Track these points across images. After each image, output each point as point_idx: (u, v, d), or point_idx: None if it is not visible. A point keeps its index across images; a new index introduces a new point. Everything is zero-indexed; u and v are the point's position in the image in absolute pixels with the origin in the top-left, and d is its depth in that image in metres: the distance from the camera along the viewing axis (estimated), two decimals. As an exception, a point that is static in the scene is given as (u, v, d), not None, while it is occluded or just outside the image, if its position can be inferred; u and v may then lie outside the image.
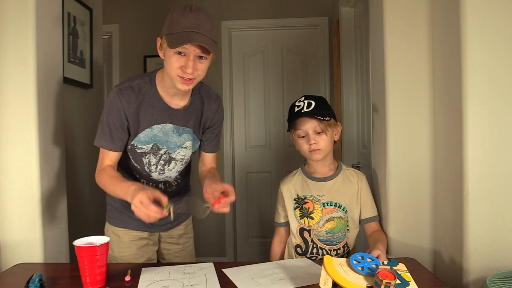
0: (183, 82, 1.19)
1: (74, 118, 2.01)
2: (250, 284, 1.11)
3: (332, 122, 1.42)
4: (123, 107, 1.26)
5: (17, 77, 1.37)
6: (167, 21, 1.19)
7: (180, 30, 1.14)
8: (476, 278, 1.16)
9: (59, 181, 1.55)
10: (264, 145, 3.33)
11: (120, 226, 1.42)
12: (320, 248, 1.44)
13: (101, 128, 1.28)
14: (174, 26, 1.15)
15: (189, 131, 1.37)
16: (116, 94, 1.26)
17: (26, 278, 1.09)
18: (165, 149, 1.34)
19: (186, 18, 1.14)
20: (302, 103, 1.41)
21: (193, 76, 1.19)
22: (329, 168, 1.48)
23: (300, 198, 1.47)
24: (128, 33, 3.33)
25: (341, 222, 1.43)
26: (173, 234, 1.52)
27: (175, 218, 1.48)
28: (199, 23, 1.14)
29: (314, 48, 3.29)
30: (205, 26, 1.15)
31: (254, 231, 3.34)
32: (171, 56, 1.17)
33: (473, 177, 1.15)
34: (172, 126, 1.32)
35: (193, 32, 1.13)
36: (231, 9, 3.30)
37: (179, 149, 1.37)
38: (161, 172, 1.38)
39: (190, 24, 1.14)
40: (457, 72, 1.19)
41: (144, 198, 1.06)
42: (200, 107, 1.38)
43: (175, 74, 1.18)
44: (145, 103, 1.28)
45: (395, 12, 1.41)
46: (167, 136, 1.33)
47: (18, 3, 1.36)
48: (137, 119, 1.29)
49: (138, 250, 1.41)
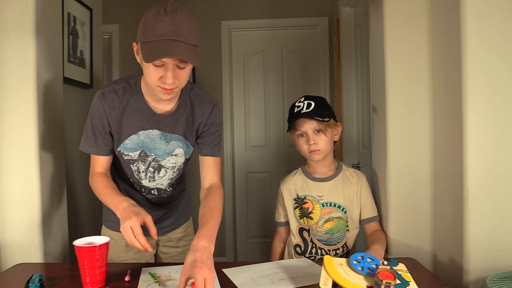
0: (164, 92, 1.11)
1: (74, 118, 2.01)
2: (250, 284, 1.11)
3: (331, 122, 1.41)
4: (105, 112, 1.21)
5: (17, 77, 1.37)
6: (141, 25, 1.08)
7: (155, 39, 1.02)
8: (476, 278, 1.16)
9: (59, 181, 1.55)
10: (264, 145, 3.33)
11: (117, 230, 1.36)
12: (319, 248, 1.44)
13: (86, 132, 1.25)
14: (149, 33, 1.04)
15: (178, 138, 1.28)
16: (99, 98, 1.20)
17: (26, 278, 1.09)
18: (153, 156, 1.28)
19: (161, 23, 1.02)
20: (302, 104, 1.41)
21: (174, 86, 1.09)
22: (329, 168, 1.48)
23: (300, 198, 1.47)
24: (128, 33, 3.34)
25: (340, 222, 1.43)
26: (172, 237, 1.49)
27: (172, 222, 1.47)
28: (176, 28, 1.02)
29: (314, 48, 3.29)
30: (182, 30, 1.03)
31: (254, 231, 3.34)
32: (148, 66, 1.07)
33: (473, 177, 1.15)
34: (159, 133, 1.25)
35: (170, 40, 1.01)
36: (231, 9, 3.30)
37: (169, 156, 1.30)
38: (151, 180, 1.32)
39: (165, 30, 1.01)
40: (457, 72, 1.19)
41: (136, 225, 1.03)
42: (189, 111, 1.28)
43: (155, 85, 1.10)
44: (129, 108, 1.22)
45: (395, 12, 1.41)
46: (154, 143, 1.26)
47: (18, 3, 1.36)
48: (120, 125, 1.22)
49: (135, 255, 1.39)
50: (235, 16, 3.29)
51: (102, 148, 1.25)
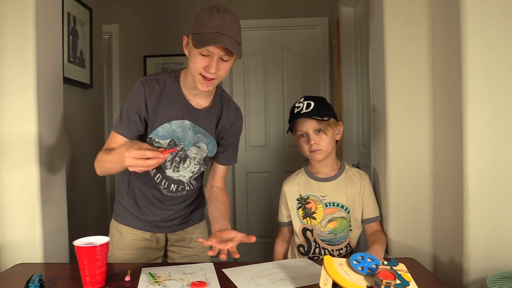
0: (204, 82, 1.20)
1: (74, 118, 2.01)
2: (250, 284, 1.11)
3: (332, 121, 1.41)
4: (146, 97, 1.27)
5: (17, 77, 1.37)
6: (194, 20, 1.20)
7: (206, 31, 1.14)
8: (476, 278, 1.16)
9: (60, 181, 1.55)
10: (264, 145, 3.33)
11: (124, 224, 1.41)
12: (323, 248, 1.44)
13: (120, 117, 1.29)
14: (201, 26, 1.16)
15: (205, 134, 1.35)
16: (141, 84, 1.28)
17: (26, 278, 1.09)
18: (181, 145, 1.33)
19: (213, 19, 1.15)
20: (302, 104, 1.42)
21: (214, 76, 1.19)
22: (332, 168, 1.48)
23: (303, 198, 1.47)
24: (128, 33, 3.33)
25: (343, 222, 1.43)
26: (184, 237, 1.48)
27: (183, 222, 1.46)
28: (225, 24, 1.15)
29: (314, 48, 3.29)
30: (230, 28, 1.16)
31: (254, 231, 3.33)
32: (196, 55, 1.18)
33: (473, 177, 1.15)
34: (189, 123, 1.32)
35: (218, 33, 1.14)
36: (231, 9, 3.28)
37: (193, 146, 1.35)
38: (175, 170, 1.36)
39: (216, 25, 1.14)
40: (457, 72, 1.19)
41: (135, 152, 1.04)
42: (219, 111, 1.37)
43: (197, 73, 1.19)
44: (166, 97, 1.29)
45: (395, 12, 1.41)
46: (184, 133, 1.32)
47: (18, 3, 1.36)
48: (156, 111, 1.29)
49: (138, 251, 1.40)
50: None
51: (133, 131, 1.29)
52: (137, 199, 1.41)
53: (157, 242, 1.45)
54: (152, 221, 1.41)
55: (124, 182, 1.44)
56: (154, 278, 1.13)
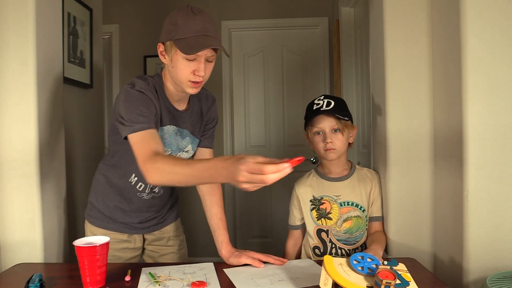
0: (193, 86, 1.19)
1: (74, 118, 2.01)
2: (249, 285, 1.11)
3: (349, 123, 1.43)
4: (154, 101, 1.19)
5: (17, 77, 1.37)
6: (171, 26, 1.15)
7: (190, 35, 1.12)
8: (476, 278, 1.16)
9: (59, 181, 1.55)
10: (264, 145, 3.33)
11: (100, 227, 1.39)
12: (339, 248, 1.44)
13: (131, 118, 1.11)
14: (183, 30, 1.13)
15: (192, 138, 1.36)
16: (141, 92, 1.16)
17: (26, 278, 1.09)
18: (169, 151, 1.31)
19: (194, 22, 1.13)
20: (322, 102, 1.42)
21: (204, 79, 1.19)
22: (343, 168, 1.49)
23: (317, 199, 1.46)
24: (128, 33, 3.33)
25: (358, 221, 1.43)
26: (161, 236, 1.49)
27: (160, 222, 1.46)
28: (206, 25, 1.14)
29: (314, 48, 3.29)
30: (211, 28, 1.15)
31: (254, 231, 3.34)
32: (181, 61, 1.15)
33: (473, 177, 1.15)
34: (175, 128, 1.30)
35: (205, 35, 1.12)
36: (231, 9, 3.30)
37: (180, 152, 1.35)
38: None
39: (199, 27, 1.13)
40: (457, 72, 1.19)
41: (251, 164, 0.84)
42: (199, 107, 1.38)
43: (186, 79, 1.17)
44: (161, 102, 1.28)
45: (395, 12, 1.41)
46: (170, 139, 1.30)
47: (18, 3, 1.36)
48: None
49: (115, 252, 1.37)
50: (235, 16, 3.29)
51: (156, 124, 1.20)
52: (113, 202, 1.38)
53: (135, 242, 1.44)
54: (130, 223, 1.40)
55: (98, 184, 1.41)
56: (154, 278, 1.13)
